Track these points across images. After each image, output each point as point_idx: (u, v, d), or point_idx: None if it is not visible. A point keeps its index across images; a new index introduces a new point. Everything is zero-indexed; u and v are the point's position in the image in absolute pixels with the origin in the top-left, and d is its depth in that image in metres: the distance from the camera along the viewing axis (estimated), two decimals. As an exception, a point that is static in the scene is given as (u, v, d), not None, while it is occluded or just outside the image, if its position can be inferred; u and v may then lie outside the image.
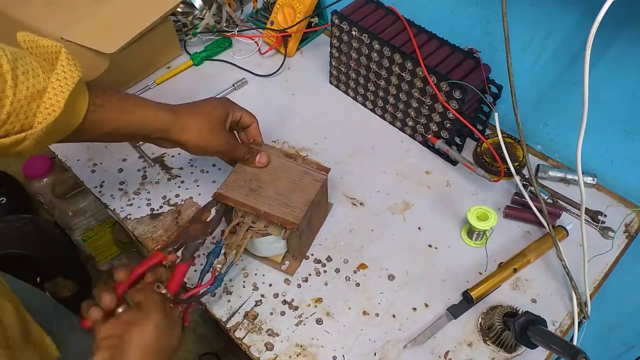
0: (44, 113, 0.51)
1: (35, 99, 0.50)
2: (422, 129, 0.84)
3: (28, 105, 0.50)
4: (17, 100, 0.49)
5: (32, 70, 0.51)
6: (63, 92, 0.51)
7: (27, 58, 0.52)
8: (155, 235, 0.75)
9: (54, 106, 0.51)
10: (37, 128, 0.51)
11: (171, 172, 0.83)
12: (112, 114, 0.59)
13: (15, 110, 0.49)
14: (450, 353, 0.64)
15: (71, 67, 0.53)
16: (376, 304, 0.68)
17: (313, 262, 0.72)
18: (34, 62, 0.52)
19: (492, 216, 0.70)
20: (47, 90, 0.51)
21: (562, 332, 0.66)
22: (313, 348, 0.64)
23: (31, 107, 0.51)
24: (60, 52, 0.53)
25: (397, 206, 0.79)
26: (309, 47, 1.05)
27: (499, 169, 0.75)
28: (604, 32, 0.57)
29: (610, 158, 0.78)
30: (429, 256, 0.73)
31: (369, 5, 0.87)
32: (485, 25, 0.80)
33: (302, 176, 0.69)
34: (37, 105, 0.51)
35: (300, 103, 0.94)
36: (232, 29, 1.05)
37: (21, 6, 0.88)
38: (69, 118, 0.54)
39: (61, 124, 0.53)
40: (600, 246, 0.72)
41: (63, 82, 0.52)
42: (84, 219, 1.39)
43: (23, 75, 0.50)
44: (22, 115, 0.50)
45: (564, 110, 0.79)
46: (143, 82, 0.97)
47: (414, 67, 0.77)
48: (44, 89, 0.51)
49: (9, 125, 0.50)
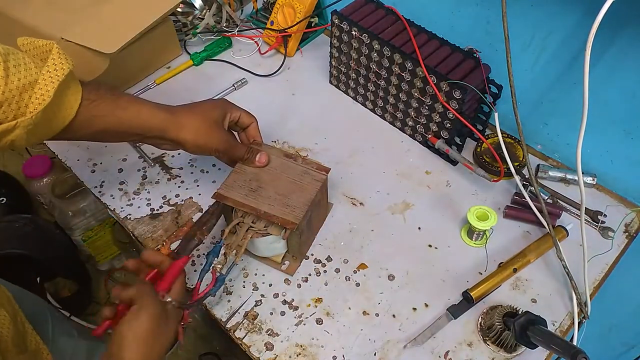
0: (34, 103, 0.52)
1: (27, 89, 0.52)
2: (422, 129, 0.84)
3: (20, 96, 0.51)
4: (9, 90, 0.50)
5: (25, 64, 0.52)
6: (53, 82, 0.53)
7: (20, 54, 0.53)
8: (155, 235, 0.75)
9: (44, 96, 0.52)
10: (27, 117, 0.52)
11: (171, 172, 0.83)
12: (105, 109, 0.59)
13: (7, 100, 0.50)
14: (450, 353, 0.64)
15: (62, 60, 0.54)
16: (376, 304, 0.68)
17: (313, 262, 0.72)
18: (26, 58, 0.53)
19: (492, 216, 0.70)
20: (38, 81, 0.52)
21: (562, 332, 0.66)
22: (313, 348, 0.64)
23: (23, 98, 0.52)
24: (52, 49, 0.55)
25: (397, 206, 0.79)
26: (309, 47, 1.05)
27: (499, 169, 0.75)
28: (604, 32, 0.57)
29: (610, 158, 0.78)
30: (429, 256, 0.73)
31: (369, 5, 0.87)
32: (485, 25, 0.80)
33: (302, 176, 0.69)
34: (29, 96, 0.52)
35: (300, 103, 0.94)
36: (232, 29, 1.05)
37: (21, 6, 0.88)
38: (60, 110, 0.55)
39: (52, 115, 0.54)
40: (600, 246, 0.72)
41: (53, 74, 0.53)
42: (84, 219, 1.39)
43: (15, 68, 0.51)
44: (15, 105, 0.51)
45: (564, 110, 0.79)
46: (143, 82, 0.97)
47: (414, 67, 0.77)
48: (36, 81, 0.52)
49: (1, 115, 0.51)
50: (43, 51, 0.56)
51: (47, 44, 0.55)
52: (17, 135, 0.52)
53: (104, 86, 0.60)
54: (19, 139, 0.53)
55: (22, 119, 0.51)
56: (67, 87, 0.55)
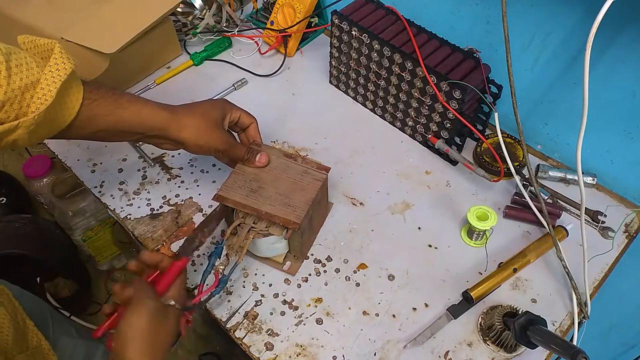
0: (36, 103, 0.52)
1: (29, 89, 0.52)
2: (422, 129, 0.84)
3: (22, 95, 0.51)
4: (11, 89, 0.50)
5: (27, 64, 0.52)
6: (55, 82, 0.53)
7: (22, 53, 0.53)
8: (155, 235, 0.75)
9: (46, 95, 0.52)
10: (29, 116, 0.52)
11: (171, 172, 0.83)
12: (106, 109, 0.59)
13: (9, 100, 0.50)
14: (450, 353, 0.64)
15: (64, 60, 0.54)
16: (376, 304, 0.68)
17: (313, 262, 0.72)
18: (28, 57, 0.53)
19: (492, 216, 0.70)
20: (40, 81, 0.52)
21: (562, 332, 0.66)
22: (313, 348, 0.64)
23: (25, 97, 0.52)
24: (54, 48, 0.55)
25: (397, 206, 0.79)
26: (309, 47, 1.05)
27: (499, 169, 0.75)
28: (604, 32, 0.57)
29: (610, 158, 0.78)
30: (429, 256, 0.73)
31: (369, 5, 0.87)
32: (485, 25, 0.80)
33: (303, 176, 0.69)
34: (31, 96, 0.52)
35: (300, 103, 0.94)
36: (232, 29, 1.05)
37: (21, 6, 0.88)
38: (62, 110, 0.55)
39: (54, 114, 0.54)
40: (600, 246, 0.73)
41: (55, 74, 0.53)
42: (84, 219, 1.39)
43: (17, 67, 0.51)
44: (17, 105, 0.51)
45: (564, 110, 0.79)
46: (143, 82, 0.97)
47: (414, 67, 0.77)
48: (38, 80, 0.52)
49: (3, 114, 0.51)
50: (44, 50, 0.56)
51: (49, 43, 0.55)
52: (18, 135, 0.52)
53: (104, 86, 0.61)
54: (21, 138, 0.53)
55: (24, 119, 0.51)
56: (69, 87, 0.55)
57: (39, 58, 0.55)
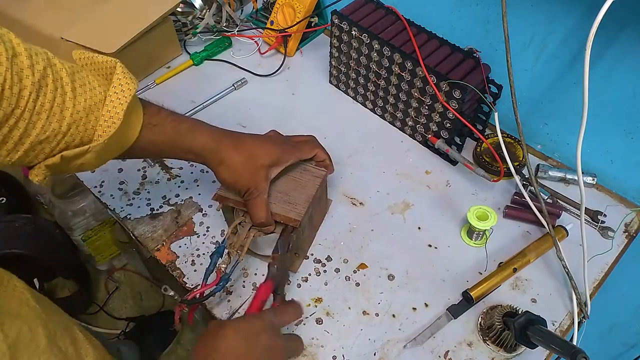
0: (103, 125, 0.51)
1: (93, 110, 0.50)
2: (422, 129, 0.84)
3: (87, 117, 0.50)
4: (77, 111, 0.49)
5: (89, 83, 0.51)
6: (121, 104, 0.51)
7: (84, 72, 0.51)
8: (155, 235, 0.75)
9: (113, 118, 0.51)
10: (98, 140, 0.50)
11: (171, 172, 0.83)
12: (164, 136, 0.58)
13: (75, 122, 0.49)
14: (450, 353, 0.64)
15: (127, 80, 0.52)
16: (376, 304, 0.68)
17: (313, 262, 0.72)
18: (90, 76, 0.51)
19: (492, 216, 0.70)
20: (105, 102, 0.51)
21: (562, 332, 0.66)
22: (313, 348, 0.64)
23: (89, 119, 0.50)
24: (115, 66, 0.53)
25: (397, 206, 0.79)
26: (309, 47, 1.05)
27: (498, 169, 0.75)
28: (604, 32, 0.57)
29: (610, 158, 0.78)
30: (429, 256, 0.73)
31: (369, 5, 0.87)
32: (485, 25, 0.80)
33: (302, 173, 0.69)
34: (96, 118, 0.51)
35: (300, 103, 0.94)
36: (232, 28, 1.05)
37: (21, 6, 0.88)
38: (126, 131, 0.54)
39: (119, 137, 0.53)
40: (600, 246, 0.73)
41: (120, 95, 0.51)
42: (84, 219, 1.39)
43: (80, 87, 0.49)
44: (82, 127, 0.50)
45: (564, 110, 0.79)
46: (143, 82, 0.97)
47: (413, 67, 0.77)
48: (101, 101, 0.51)
49: (68, 138, 0.49)
50: (105, 67, 0.54)
51: (109, 61, 0.53)
52: (87, 160, 0.51)
53: (164, 110, 0.59)
54: (88, 162, 0.51)
55: (94, 143, 0.50)
56: (132, 109, 0.53)
57: (101, 77, 0.54)
